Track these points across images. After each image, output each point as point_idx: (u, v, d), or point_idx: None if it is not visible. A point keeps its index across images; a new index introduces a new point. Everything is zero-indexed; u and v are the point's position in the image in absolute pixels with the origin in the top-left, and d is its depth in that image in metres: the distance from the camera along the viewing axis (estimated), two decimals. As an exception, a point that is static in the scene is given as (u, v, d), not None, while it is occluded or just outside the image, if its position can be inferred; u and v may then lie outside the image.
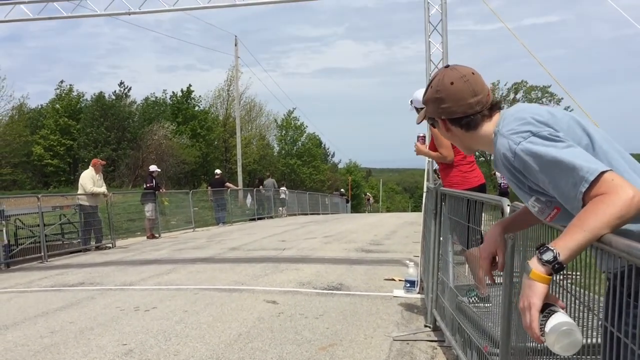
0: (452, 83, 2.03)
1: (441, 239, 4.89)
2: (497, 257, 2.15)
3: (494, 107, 2.05)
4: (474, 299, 4.17)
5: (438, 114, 2.10)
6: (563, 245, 1.58)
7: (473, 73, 2.06)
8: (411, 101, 5.52)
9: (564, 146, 1.71)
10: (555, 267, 1.58)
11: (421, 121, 2.29)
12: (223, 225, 19.44)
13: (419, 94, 5.70)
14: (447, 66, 2.14)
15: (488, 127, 2.01)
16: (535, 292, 1.60)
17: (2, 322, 5.74)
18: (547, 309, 1.60)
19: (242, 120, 40.40)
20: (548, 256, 1.59)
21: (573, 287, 1.96)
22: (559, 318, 1.57)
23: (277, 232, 15.14)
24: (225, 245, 12.13)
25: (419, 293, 6.42)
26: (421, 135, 6.13)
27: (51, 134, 40.06)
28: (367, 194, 60.45)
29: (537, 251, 1.63)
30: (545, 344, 1.58)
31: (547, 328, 1.56)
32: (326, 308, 5.91)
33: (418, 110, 5.41)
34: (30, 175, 39.42)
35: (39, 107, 44.46)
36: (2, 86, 37.06)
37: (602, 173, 1.61)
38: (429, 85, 2.14)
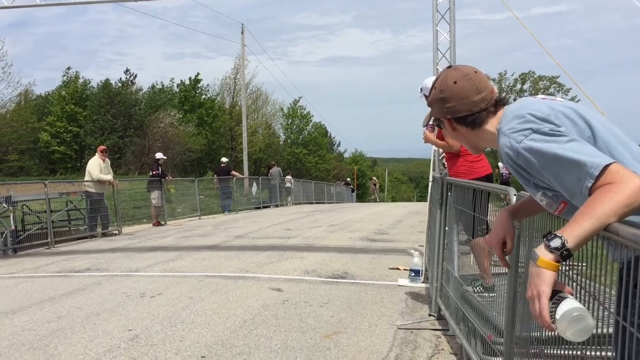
0: (455, 82, 2.06)
1: (446, 228, 4.89)
2: (506, 243, 2.15)
3: (499, 103, 2.06)
4: (479, 288, 4.17)
5: (443, 114, 2.12)
6: (571, 233, 1.58)
7: (475, 71, 2.09)
8: (421, 89, 5.49)
9: (566, 140, 1.70)
10: (564, 254, 1.58)
11: (427, 123, 2.31)
12: (228, 213, 19.49)
13: (429, 81, 5.69)
14: (450, 67, 2.17)
15: (493, 123, 2.03)
16: (544, 279, 1.59)
17: (10, 307, 5.79)
18: (555, 295, 1.59)
19: (248, 109, 40.39)
20: (556, 243, 1.59)
21: (578, 277, 1.96)
22: (570, 304, 1.55)
23: (282, 221, 15.17)
24: (231, 233, 12.17)
25: (423, 282, 6.43)
26: (430, 124, 6.10)
27: (58, 121, 40.09)
28: (373, 178, 55.12)
29: (544, 238, 1.62)
30: (556, 331, 1.57)
31: (558, 315, 1.55)
32: (331, 296, 5.93)
33: (427, 97, 5.40)
34: (37, 161, 39.49)
35: (46, 93, 44.52)
36: (9, 73, 37.02)
37: (607, 166, 1.60)
38: (432, 87, 2.17)
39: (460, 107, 2.05)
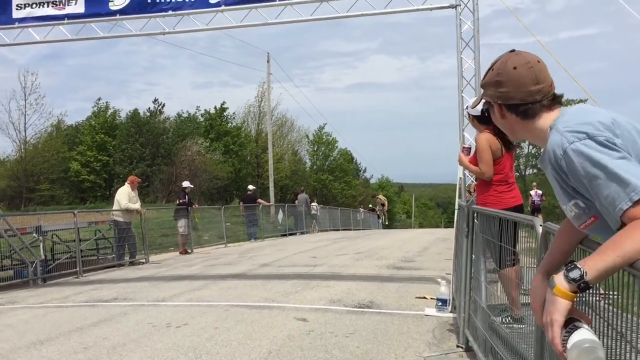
0: (514, 68, 1.95)
1: (473, 257, 4.82)
2: None
3: (556, 99, 1.97)
4: (508, 319, 4.09)
5: (495, 98, 2.01)
6: (592, 266, 1.55)
7: (538, 61, 1.98)
8: (467, 107, 5.49)
9: (618, 156, 1.64)
10: (581, 286, 1.56)
11: (476, 105, 2.20)
12: (255, 240, 19.53)
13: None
14: (513, 50, 2.05)
15: (545, 119, 1.93)
16: (558, 308, 1.59)
17: (38, 337, 5.84)
18: (571, 323, 1.59)
19: (274, 136, 40.65)
20: (575, 274, 1.57)
21: (610, 307, 1.91)
22: (582, 334, 1.56)
23: (309, 248, 15.13)
24: (257, 262, 12.17)
25: (451, 312, 6.32)
26: (466, 146, 6.08)
27: (88, 150, 40.94)
28: (379, 196, 40.61)
29: (564, 267, 1.61)
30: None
31: (570, 344, 1.55)
32: (357, 326, 5.87)
33: (473, 117, 5.38)
34: (67, 190, 40.25)
35: (76, 123, 45.51)
36: (41, 104, 38.06)
37: None
38: (489, 68, 2.06)
39: (514, 94, 1.95)
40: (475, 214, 4.78)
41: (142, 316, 6.71)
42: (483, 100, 2.11)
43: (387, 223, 36.08)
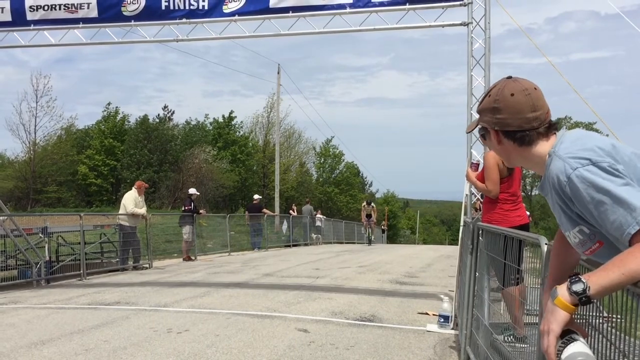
0: (512, 94, 1.96)
1: (477, 274, 4.82)
2: None
3: (552, 127, 1.97)
4: (510, 338, 4.08)
5: (492, 124, 2.02)
6: (596, 281, 1.57)
7: (535, 88, 1.99)
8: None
9: (622, 183, 1.66)
10: (582, 299, 1.58)
11: (471, 130, 2.22)
12: (258, 250, 19.53)
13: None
14: (510, 77, 2.05)
15: (542, 146, 1.94)
16: (557, 318, 1.61)
17: (40, 338, 5.86)
18: (568, 335, 1.61)
19: (282, 147, 40.76)
20: (578, 287, 1.58)
21: (613, 330, 1.92)
22: (578, 347, 1.57)
23: (312, 260, 15.11)
24: (260, 271, 12.16)
25: (452, 329, 6.30)
26: (475, 162, 6.08)
27: (96, 154, 41.20)
28: (365, 204, 28.37)
29: (568, 279, 1.62)
30: None
31: (564, 355, 1.57)
32: (357, 339, 5.86)
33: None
34: (74, 193, 40.42)
35: (86, 127, 45.80)
36: (52, 107, 38.34)
37: None
38: (486, 94, 2.07)
39: (511, 121, 1.95)
40: (480, 231, 4.78)
41: (143, 321, 6.72)
42: (479, 126, 2.12)
43: (370, 240, 26.29)
